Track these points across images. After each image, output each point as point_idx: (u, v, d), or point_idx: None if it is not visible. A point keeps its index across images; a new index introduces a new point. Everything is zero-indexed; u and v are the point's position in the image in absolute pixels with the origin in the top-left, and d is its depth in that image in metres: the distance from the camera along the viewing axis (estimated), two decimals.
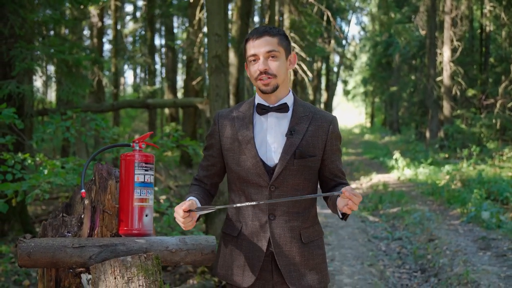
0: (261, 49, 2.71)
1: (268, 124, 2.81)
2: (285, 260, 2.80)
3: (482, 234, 9.33)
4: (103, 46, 18.00)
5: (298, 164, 2.75)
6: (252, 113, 2.86)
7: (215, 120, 2.96)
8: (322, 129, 2.81)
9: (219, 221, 6.00)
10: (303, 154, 2.75)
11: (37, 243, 2.44)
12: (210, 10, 5.92)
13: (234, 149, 2.84)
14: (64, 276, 2.62)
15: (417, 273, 7.78)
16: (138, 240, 2.58)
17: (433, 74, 25.59)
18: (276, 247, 2.80)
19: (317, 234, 2.89)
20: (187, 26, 24.91)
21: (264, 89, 2.74)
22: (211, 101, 5.90)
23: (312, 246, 2.85)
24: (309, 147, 2.77)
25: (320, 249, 2.88)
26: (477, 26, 31.34)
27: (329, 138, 2.82)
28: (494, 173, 16.94)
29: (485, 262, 7.55)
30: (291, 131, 2.76)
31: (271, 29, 2.76)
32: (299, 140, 2.75)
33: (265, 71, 2.71)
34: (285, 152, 2.74)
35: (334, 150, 2.84)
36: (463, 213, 11.37)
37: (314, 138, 2.79)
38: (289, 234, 2.80)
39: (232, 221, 2.93)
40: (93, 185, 2.67)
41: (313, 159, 2.78)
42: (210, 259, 2.71)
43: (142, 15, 20.90)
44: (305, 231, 2.83)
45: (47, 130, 5.71)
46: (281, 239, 2.80)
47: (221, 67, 5.88)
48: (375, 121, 55.43)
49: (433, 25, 25.32)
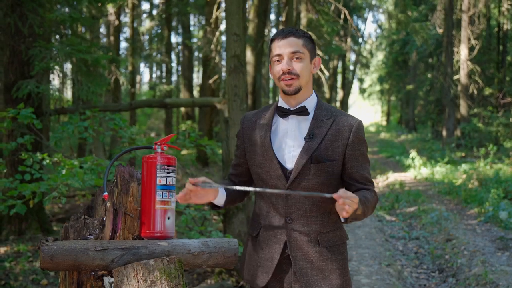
0: (285, 50, 2.70)
1: (289, 127, 2.80)
2: (301, 264, 2.78)
3: (500, 234, 9.26)
4: (119, 44, 18.02)
5: (315, 169, 2.72)
6: (273, 116, 2.85)
7: (241, 121, 2.98)
8: (342, 133, 2.74)
9: (237, 221, 5.99)
10: (320, 159, 2.71)
11: (60, 246, 2.43)
12: (229, 10, 5.91)
13: (255, 151, 2.85)
14: (86, 279, 2.61)
15: (435, 273, 7.73)
16: (160, 243, 2.57)
17: (450, 72, 25.43)
18: (292, 251, 2.79)
19: (339, 239, 2.85)
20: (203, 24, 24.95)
21: (287, 90, 2.73)
22: (229, 100, 5.89)
23: (332, 251, 2.80)
24: (328, 151, 2.72)
25: (340, 254, 2.83)
26: (494, 24, 31.12)
27: (350, 143, 2.75)
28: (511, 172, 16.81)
29: (503, 262, 7.49)
30: (310, 134, 2.73)
31: (297, 31, 2.75)
32: (317, 144, 2.72)
33: (289, 71, 2.69)
34: (301, 156, 2.72)
35: (356, 155, 2.77)
36: (481, 212, 11.29)
37: (333, 142, 2.73)
38: (306, 238, 2.78)
39: (253, 222, 2.95)
40: (115, 187, 2.67)
41: (331, 163, 2.73)
42: (232, 262, 2.69)
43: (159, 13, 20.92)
44: (323, 235, 2.79)
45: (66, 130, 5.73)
46: (298, 243, 2.78)
47: (239, 66, 5.87)
48: (391, 119, 55.23)
49: (450, 23, 25.16)
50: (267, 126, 2.84)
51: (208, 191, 2.73)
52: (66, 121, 6.02)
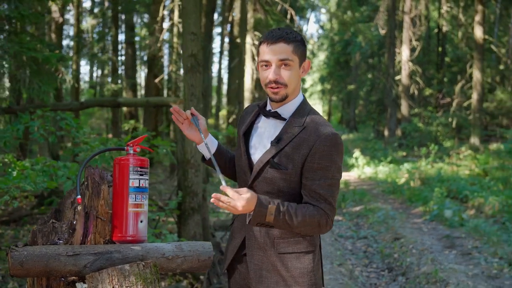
0: (274, 57, 2.61)
1: (267, 128, 2.79)
2: (254, 264, 2.78)
3: (446, 232, 9.46)
4: (62, 42, 17.64)
5: (272, 174, 2.67)
6: (259, 113, 2.86)
7: (243, 111, 3.05)
8: (307, 143, 2.63)
9: (193, 222, 5.92)
10: (275, 165, 2.65)
11: (30, 251, 2.35)
12: (186, 9, 5.82)
13: (238, 142, 2.88)
14: (56, 285, 2.52)
15: (385, 272, 7.83)
16: (134, 247, 2.51)
17: (392, 73, 25.89)
18: (248, 249, 2.81)
19: (300, 248, 2.73)
20: (146, 22, 24.66)
21: (273, 97, 2.68)
22: (186, 100, 5.82)
23: (289, 258, 2.72)
24: (288, 158, 2.64)
25: (299, 263, 2.72)
26: (433, 26, 31.85)
27: (312, 154, 2.61)
28: (452, 171, 17.23)
29: (451, 260, 7.65)
30: (278, 139, 2.68)
31: (287, 35, 2.63)
32: (278, 150, 2.65)
33: (276, 80, 2.63)
34: (261, 158, 2.70)
35: (314, 168, 2.61)
36: (426, 211, 11.52)
37: (295, 151, 2.64)
38: (263, 239, 2.75)
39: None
40: (86, 190, 2.58)
41: (286, 172, 2.65)
42: (206, 265, 2.65)
43: (102, 11, 20.58)
44: (281, 241, 2.71)
45: (15, 130, 5.55)
46: (255, 243, 2.78)
47: (196, 66, 5.80)
48: (332, 119, 55.84)
49: (393, 24, 25.62)
50: (249, 122, 2.86)
51: (195, 128, 2.82)
52: (16, 121, 5.83)
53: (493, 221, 10.21)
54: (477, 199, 11.91)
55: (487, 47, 26.16)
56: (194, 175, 5.93)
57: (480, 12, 22.82)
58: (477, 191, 12.72)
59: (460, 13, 27.34)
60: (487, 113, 25.91)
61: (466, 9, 27.89)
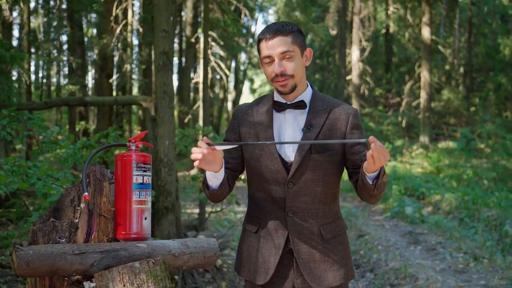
0: (275, 51, 2.62)
1: (286, 120, 2.75)
2: (304, 257, 2.73)
3: (408, 229, 9.61)
4: (12, 41, 17.22)
5: (315, 159, 2.67)
6: (271, 109, 2.79)
7: (235, 114, 2.90)
8: (340, 122, 2.72)
9: (167, 222, 5.85)
10: (319, 149, 2.67)
11: (36, 250, 2.27)
12: (157, 6, 5.74)
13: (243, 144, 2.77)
14: (59, 285, 2.45)
15: None
16: (140, 245, 2.46)
17: (344, 73, 26.17)
18: (295, 244, 2.74)
19: (340, 229, 2.80)
20: (96, 22, 24.30)
21: (282, 90, 2.68)
22: (158, 98, 5.74)
23: (333, 242, 2.76)
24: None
25: (341, 245, 2.79)
26: (381, 27, 32.34)
27: (349, 131, 2.72)
28: (405, 169, 17.53)
29: (418, 256, 7.77)
30: (308, 126, 2.69)
31: (283, 27, 2.65)
32: (315, 134, 2.67)
33: (282, 73, 2.63)
34: (301, 148, 2.68)
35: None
36: (386, 209, 11.68)
37: (332, 132, 2.70)
38: (308, 230, 2.73)
39: (252, 217, 2.87)
40: (88, 187, 2.52)
41: (331, 153, 2.69)
42: (212, 262, 2.62)
43: (52, 9, 20.18)
44: (325, 227, 2.75)
45: None
46: (300, 236, 2.73)
47: (168, 64, 5.73)
48: None
49: (343, 25, 25.89)
50: (266, 120, 2.78)
51: (217, 158, 2.50)
52: None
53: (452, 217, 10.42)
54: (434, 196, 12.15)
55: (434, 48, 26.70)
56: (167, 174, 5.87)
57: (427, 13, 23.26)
58: (433, 188, 12.98)
59: (408, 14, 27.85)
60: (435, 112, 26.45)
61: (413, 10, 28.42)
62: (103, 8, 13.97)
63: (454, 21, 30.16)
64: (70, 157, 5.49)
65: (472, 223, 9.77)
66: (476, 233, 8.93)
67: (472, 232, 9.02)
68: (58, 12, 19.46)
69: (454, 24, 30.31)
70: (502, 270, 6.95)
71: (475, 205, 10.69)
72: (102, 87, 17.28)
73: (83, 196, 2.41)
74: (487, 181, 14.02)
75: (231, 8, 17.88)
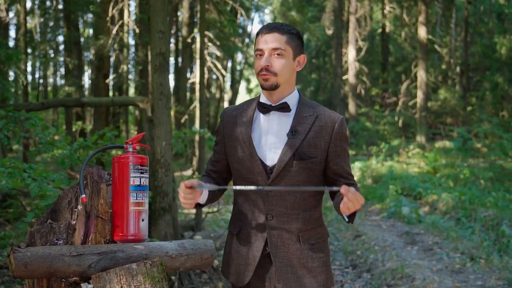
0: (267, 45, 2.65)
1: (270, 123, 2.74)
2: (281, 261, 2.74)
3: (405, 229, 9.62)
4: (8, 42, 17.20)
5: (297, 166, 2.68)
6: (254, 111, 2.79)
7: (221, 116, 2.91)
8: (325, 130, 2.71)
9: (164, 222, 5.85)
10: (303, 156, 2.67)
11: (33, 252, 2.28)
12: (154, 6, 5.74)
13: (236, 147, 2.78)
14: (57, 286, 2.46)
15: (349, 269, 7.89)
16: (137, 246, 2.47)
17: (340, 73, 26.17)
18: (273, 248, 2.74)
19: (320, 237, 2.82)
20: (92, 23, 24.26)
21: (263, 84, 2.68)
22: (154, 99, 5.74)
23: (313, 248, 2.77)
24: (311, 148, 2.68)
25: (321, 252, 2.80)
26: (377, 26, 32.36)
27: (333, 139, 2.71)
28: (402, 169, 17.53)
29: (414, 256, 7.78)
30: (293, 131, 2.69)
31: (282, 26, 2.68)
32: (300, 140, 2.67)
33: (266, 67, 2.64)
34: (284, 153, 2.67)
35: (338, 151, 2.74)
36: (383, 209, 11.68)
37: (316, 139, 2.70)
38: (287, 235, 2.74)
39: (234, 220, 2.88)
40: (86, 188, 2.52)
41: (314, 160, 2.69)
42: (209, 263, 2.63)
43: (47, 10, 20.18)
44: (305, 233, 2.75)
45: None
46: (278, 240, 2.74)
47: (165, 64, 5.73)
48: None
49: (339, 25, 25.89)
50: (248, 122, 2.77)
51: (196, 193, 2.61)
52: None
53: (448, 217, 10.44)
54: (431, 196, 12.16)
55: (431, 47, 26.72)
56: (164, 174, 5.87)
57: (423, 12, 23.27)
58: (429, 188, 12.99)
59: (404, 14, 27.87)
60: (431, 112, 26.47)
61: (409, 10, 28.44)
62: (99, 8, 13.98)
63: (451, 20, 30.15)
64: (67, 158, 5.50)
65: (469, 223, 9.79)
66: (473, 233, 8.95)
67: (469, 232, 9.04)
68: (54, 13, 19.44)
69: (451, 23, 30.30)
70: (499, 270, 6.97)
71: (472, 205, 10.70)
72: (99, 87, 17.28)
73: (81, 198, 2.41)
74: (484, 181, 14.04)
75: (227, 9, 17.87)
